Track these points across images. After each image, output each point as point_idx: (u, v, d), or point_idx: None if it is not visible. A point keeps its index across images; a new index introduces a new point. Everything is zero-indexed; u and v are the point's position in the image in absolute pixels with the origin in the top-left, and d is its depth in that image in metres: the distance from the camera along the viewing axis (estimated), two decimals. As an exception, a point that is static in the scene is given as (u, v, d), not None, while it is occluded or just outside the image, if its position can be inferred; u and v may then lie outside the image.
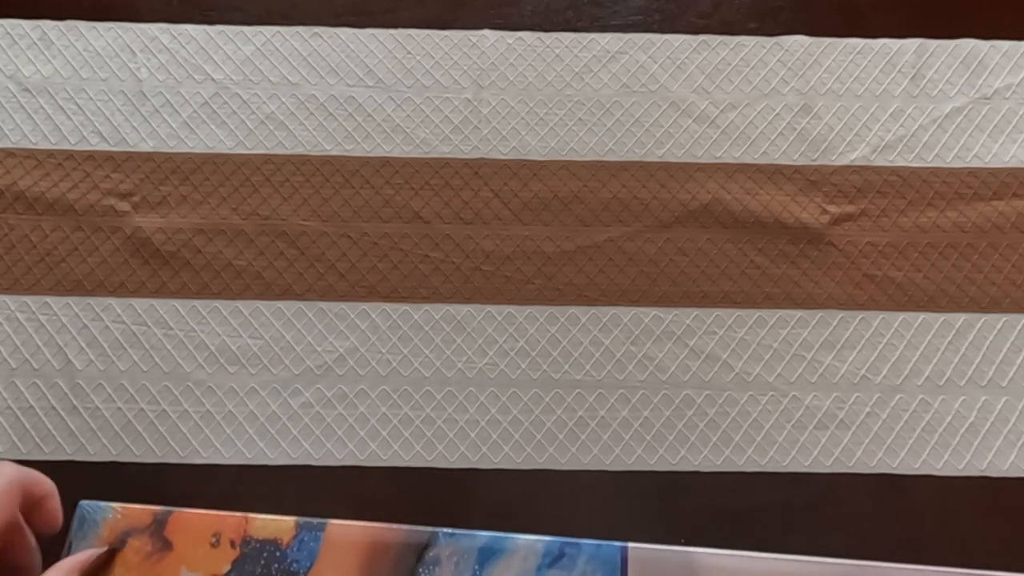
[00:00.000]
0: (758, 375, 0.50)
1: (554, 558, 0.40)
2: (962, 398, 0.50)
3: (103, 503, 0.40)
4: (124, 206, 0.53)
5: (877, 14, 0.58)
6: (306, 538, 0.39)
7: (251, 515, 0.40)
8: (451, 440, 0.49)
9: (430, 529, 0.41)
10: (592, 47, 0.57)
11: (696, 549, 0.40)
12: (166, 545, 0.39)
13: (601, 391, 0.50)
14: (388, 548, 0.40)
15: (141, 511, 0.40)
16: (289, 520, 0.40)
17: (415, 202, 0.53)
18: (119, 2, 0.57)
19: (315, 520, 0.39)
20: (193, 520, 0.39)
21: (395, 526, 0.40)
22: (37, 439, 0.49)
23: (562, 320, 0.51)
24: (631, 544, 0.40)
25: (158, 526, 0.39)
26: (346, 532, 0.40)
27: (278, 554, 0.39)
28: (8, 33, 0.56)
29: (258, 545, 0.39)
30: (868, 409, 0.50)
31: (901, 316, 0.52)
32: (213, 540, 0.39)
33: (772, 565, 0.40)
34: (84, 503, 0.41)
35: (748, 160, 0.55)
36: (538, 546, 0.40)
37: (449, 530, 0.41)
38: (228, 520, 0.40)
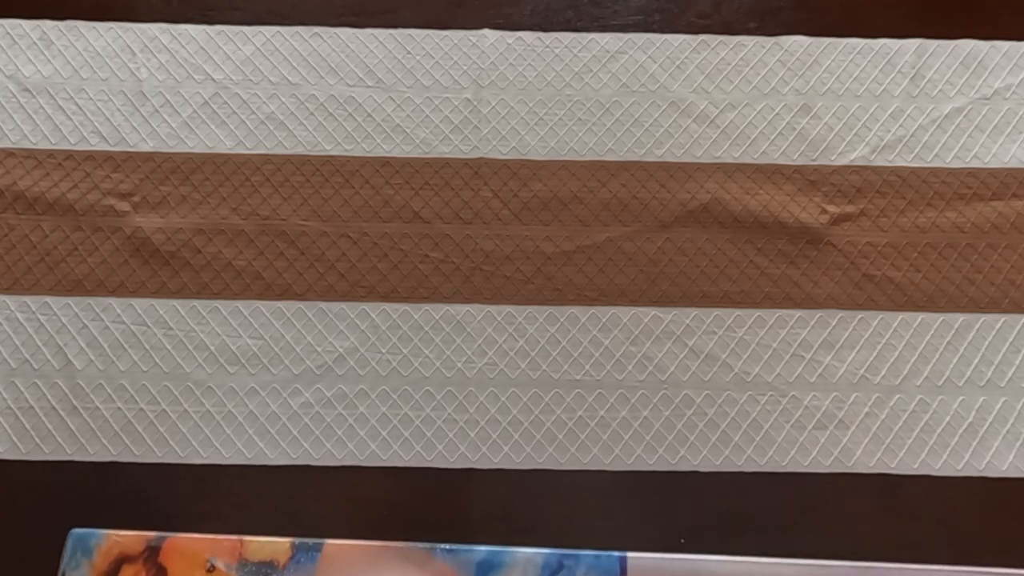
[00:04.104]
0: (757, 375, 0.51)
1: (553, 570, 0.40)
2: (960, 398, 0.50)
3: (95, 530, 0.40)
4: (124, 206, 0.53)
5: (877, 14, 0.58)
6: (303, 559, 0.39)
7: (246, 538, 0.39)
8: (451, 440, 0.49)
9: (427, 545, 0.41)
10: (592, 47, 0.57)
11: (696, 556, 0.40)
12: (161, 571, 0.39)
13: (600, 391, 0.50)
14: (385, 566, 0.40)
15: (134, 538, 0.40)
16: (285, 541, 0.39)
17: (415, 202, 0.54)
18: (119, 2, 0.57)
19: (311, 540, 0.39)
20: (187, 545, 0.39)
21: (392, 544, 0.40)
22: (37, 439, 0.49)
23: (561, 320, 0.51)
24: (630, 554, 0.40)
25: (151, 552, 0.39)
26: (343, 551, 0.39)
27: (275, 575, 0.39)
28: (8, 33, 0.56)
29: (254, 568, 0.39)
30: (867, 409, 0.50)
31: (900, 316, 0.52)
32: (208, 565, 0.39)
33: (771, 569, 0.40)
34: (75, 531, 0.40)
35: (747, 160, 0.55)
36: (537, 559, 0.40)
37: (447, 546, 0.41)
38: (223, 544, 0.39)
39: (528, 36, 0.57)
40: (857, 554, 0.42)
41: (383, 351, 0.51)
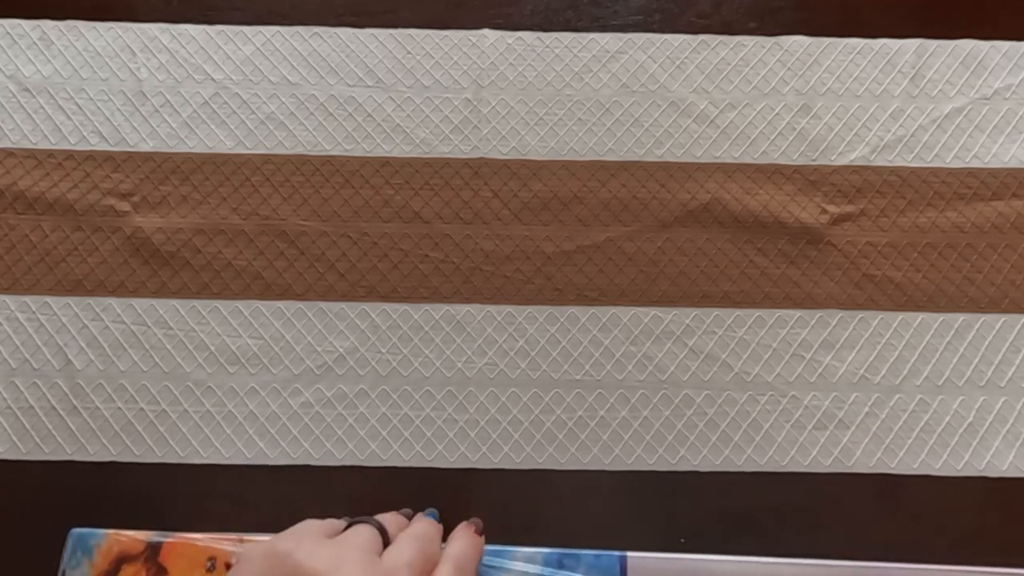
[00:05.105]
0: (757, 375, 0.51)
1: (553, 569, 0.40)
2: (960, 398, 0.50)
3: (95, 530, 0.40)
4: (124, 206, 0.53)
5: (877, 14, 0.58)
6: None
7: (246, 537, 0.39)
8: (451, 440, 0.49)
9: None
10: (592, 47, 0.57)
11: (696, 556, 0.40)
12: (161, 571, 0.39)
13: (601, 391, 0.50)
14: None
15: (134, 537, 0.40)
16: None
17: (415, 202, 0.54)
18: (119, 2, 0.57)
19: None
20: (187, 545, 0.39)
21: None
22: (37, 439, 0.49)
23: (561, 320, 0.51)
24: (630, 553, 0.40)
25: (152, 552, 0.39)
26: None
27: None
28: (8, 33, 0.56)
29: None
30: (867, 409, 0.50)
31: (900, 316, 0.52)
32: (208, 564, 0.39)
33: (771, 569, 0.40)
34: (76, 531, 0.40)
35: (747, 160, 0.55)
36: (537, 558, 0.40)
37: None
38: (223, 543, 0.39)
39: (528, 36, 0.57)
40: (857, 554, 0.42)
41: (383, 351, 0.51)
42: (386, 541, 0.35)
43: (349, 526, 0.36)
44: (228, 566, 0.39)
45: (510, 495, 0.49)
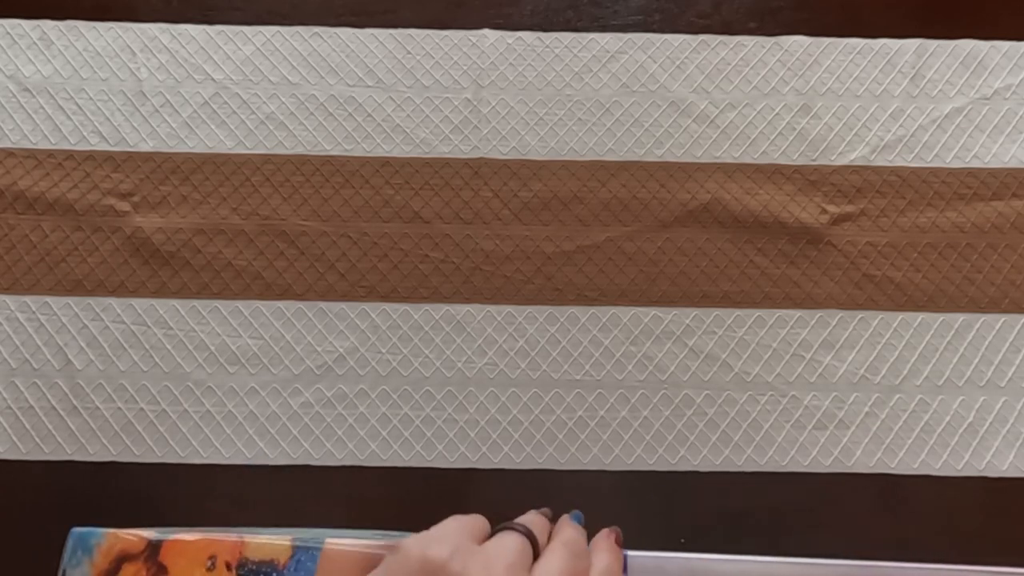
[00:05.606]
0: (757, 375, 0.51)
1: None
2: (960, 398, 0.50)
3: (96, 529, 0.40)
4: (124, 206, 0.53)
5: (877, 14, 0.58)
6: (303, 558, 0.39)
7: (247, 536, 0.39)
8: (451, 440, 0.49)
9: None
10: (592, 47, 0.57)
11: (696, 555, 0.40)
12: (161, 570, 0.39)
13: (600, 391, 0.50)
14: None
15: (134, 536, 0.40)
16: (285, 540, 0.39)
17: (415, 202, 0.54)
18: (119, 2, 0.57)
19: (311, 540, 0.39)
20: (188, 544, 0.39)
21: (391, 544, 0.40)
22: (37, 439, 0.49)
23: (561, 320, 0.51)
24: (630, 552, 0.40)
25: (152, 550, 0.39)
26: (343, 551, 0.39)
27: (275, 575, 0.39)
28: (8, 33, 0.56)
29: (254, 567, 0.39)
30: (867, 409, 0.50)
31: (900, 316, 0.52)
32: (209, 563, 0.39)
33: (771, 569, 0.40)
34: (76, 529, 0.40)
35: (747, 160, 0.55)
36: None
37: None
38: (223, 543, 0.39)
39: (528, 36, 0.57)
40: (857, 553, 0.42)
41: (383, 351, 0.51)
42: (535, 550, 0.35)
43: (495, 532, 0.36)
44: (228, 565, 0.39)
45: (510, 495, 0.48)
